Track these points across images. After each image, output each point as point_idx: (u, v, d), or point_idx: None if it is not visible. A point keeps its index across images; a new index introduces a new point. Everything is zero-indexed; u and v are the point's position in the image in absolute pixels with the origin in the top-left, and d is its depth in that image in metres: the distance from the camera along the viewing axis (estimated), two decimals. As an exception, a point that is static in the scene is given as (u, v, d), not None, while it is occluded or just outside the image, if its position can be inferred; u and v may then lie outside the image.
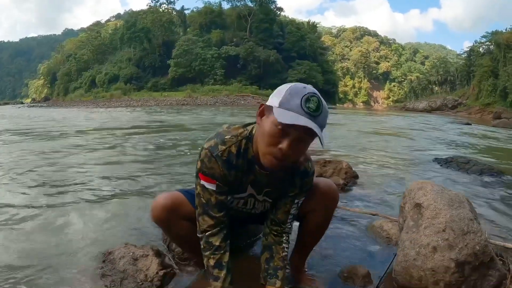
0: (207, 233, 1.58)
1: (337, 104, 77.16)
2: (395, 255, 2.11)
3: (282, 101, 1.33)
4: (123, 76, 72.17)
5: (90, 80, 79.25)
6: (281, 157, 1.37)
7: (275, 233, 1.76)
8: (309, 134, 1.35)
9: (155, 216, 1.76)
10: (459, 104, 48.79)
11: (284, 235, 1.76)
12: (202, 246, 1.60)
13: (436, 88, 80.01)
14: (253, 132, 1.54)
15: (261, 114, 1.44)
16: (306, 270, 2.10)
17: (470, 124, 19.11)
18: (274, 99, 1.37)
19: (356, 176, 4.34)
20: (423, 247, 1.84)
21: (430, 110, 48.00)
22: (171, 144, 8.20)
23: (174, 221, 1.75)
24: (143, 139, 9.06)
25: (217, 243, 1.58)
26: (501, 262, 2.00)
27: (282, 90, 1.36)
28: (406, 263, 1.89)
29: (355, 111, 40.66)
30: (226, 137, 1.53)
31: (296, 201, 1.73)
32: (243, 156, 1.55)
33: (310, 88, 1.35)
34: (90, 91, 75.36)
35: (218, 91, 59.56)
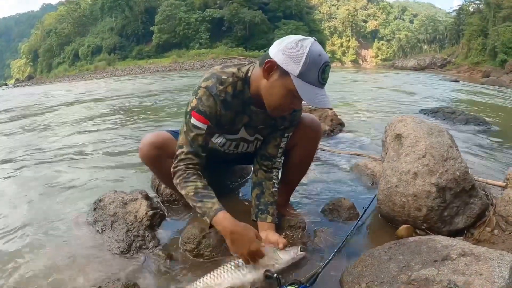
0: (191, 166, 1.57)
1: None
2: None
3: (302, 72, 1.35)
4: (106, 46, 70.18)
5: (72, 54, 76.88)
6: (289, 111, 1.58)
7: (265, 168, 1.81)
8: None
9: (143, 154, 1.78)
10: (448, 62, 48.46)
11: (274, 170, 1.82)
12: (185, 174, 1.55)
13: (425, 46, 79.42)
14: (249, 74, 1.56)
15: (269, 70, 1.44)
16: (291, 206, 2.15)
17: (459, 81, 19.04)
18: (292, 64, 1.36)
19: (342, 124, 4.39)
20: (404, 174, 1.88)
21: (419, 69, 47.72)
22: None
23: (162, 159, 1.76)
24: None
25: (205, 181, 1.58)
26: (485, 196, 2.05)
27: (299, 54, 1.35)
28: (388, 191, 1.93)
29: (343, 70, 40.33)
30: (223, 77, 1.54)
31: (286, 134, 1.79)
32: (238, 97, 1.58)
33: (323, 54, 1.37)
34: (74, 65, 73.12)
35: (204, 54, 58.31)
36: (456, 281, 1.18)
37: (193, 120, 1.54)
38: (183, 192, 1.54)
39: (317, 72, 1.35)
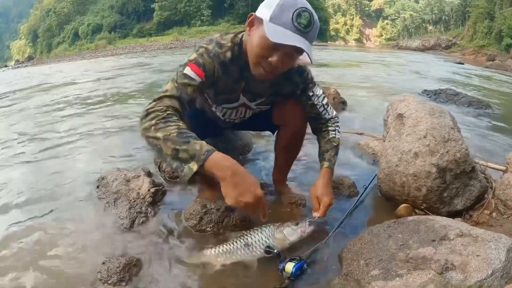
0: (171, 109, 1.35)
1: (329, 42, 75.20)
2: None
3: (273, 15, 1.30)
4: (106, 25, 69.32)
5: (72, 33, 75.83)
6: (270, 69, 1.41)
7: (321, 126, 1.83)
8: (298, 50, 1.37)
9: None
10: (453, 44, 47.55)
11: (329, 122, 1.82)
12: (164, 114, 1.29)
13: (430, 27, 78.00)
14: (244, 39, 1.53)
15: (251, 25, 1.42)
16: (288, 184, 2.14)
17: (463, 64, 18.77)
18: (265, 11, 1.33)
19: (344, 102, 4.37)
20: (405, 153, 1.89)
21: (423, 49, 46.92)
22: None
23: None
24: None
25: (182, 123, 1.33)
26: (485, 179, 2.06)
27: (273, 1, 1.32)
28: (388, 170, 1.95)
29: (346, 49, 39.72)
30: (222, 42, 1.53)
31: (310, 94, 1.75)
32: (236, 63, 1.55)
33: (302, 1, 1.31)
34: (74, 44, 72.15)
35: (206, 32, 56.95)
36: (453, 261, 1.20)
37: (187, 70, 1.44)
38: (159, 134, 1.24)
39: (291, 14, 1.28)
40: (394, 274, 1.22)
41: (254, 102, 1.75)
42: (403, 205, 1.90)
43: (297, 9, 1.28)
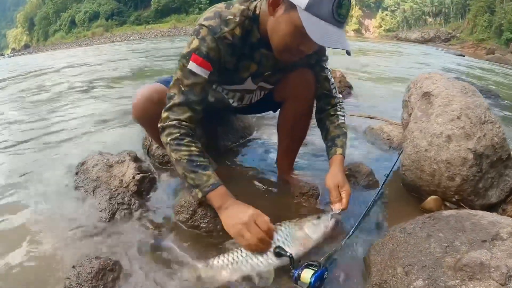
0: (184, 123, 1.31)
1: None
2: (399, 155, 1.90)
3: (310, 3, 1.10)
4: (103, 12, 68.65)
5: (69, 20, 75.08)
6: (300, 55, 1.28)
7: (329, 108, 1.65)
8: None
9: (139, 111, 1.50)
10: (452, 37, 47.40)
11: (337, 106, 1.66)
12: (177, 134, 1.30)
13: (430, 19, 77.59)
14: (257, 11, 1.31)
15: (275, 5, 1.20)
16: (294, 172, 1.87)
17: (464, 56, 18.68)
18: None
19: (350, 86, 4.16)
20: (436, 136, 1.60)
21: (422, 41, 46.58)
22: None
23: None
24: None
25: (199, 144, 1.34)
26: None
27: None
28: (416, 155, 1.66)
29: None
30: (228, 17, 1.28)
31: (323, 65, 1.61)
32: (246, 40, 1.33)
33: None
34: (71, 32, 71.70)
35: (204, 20, 57.48)
36: (515, 267, 0.92)
37: (192, 65, 1.27)
38: (173, 155, 1.30)
39: (331, 4, 1.09)
40: (443, 286, 0.94)
41: (257, 85, 1.54)
42: (433, 197, 1.61)
43: None
